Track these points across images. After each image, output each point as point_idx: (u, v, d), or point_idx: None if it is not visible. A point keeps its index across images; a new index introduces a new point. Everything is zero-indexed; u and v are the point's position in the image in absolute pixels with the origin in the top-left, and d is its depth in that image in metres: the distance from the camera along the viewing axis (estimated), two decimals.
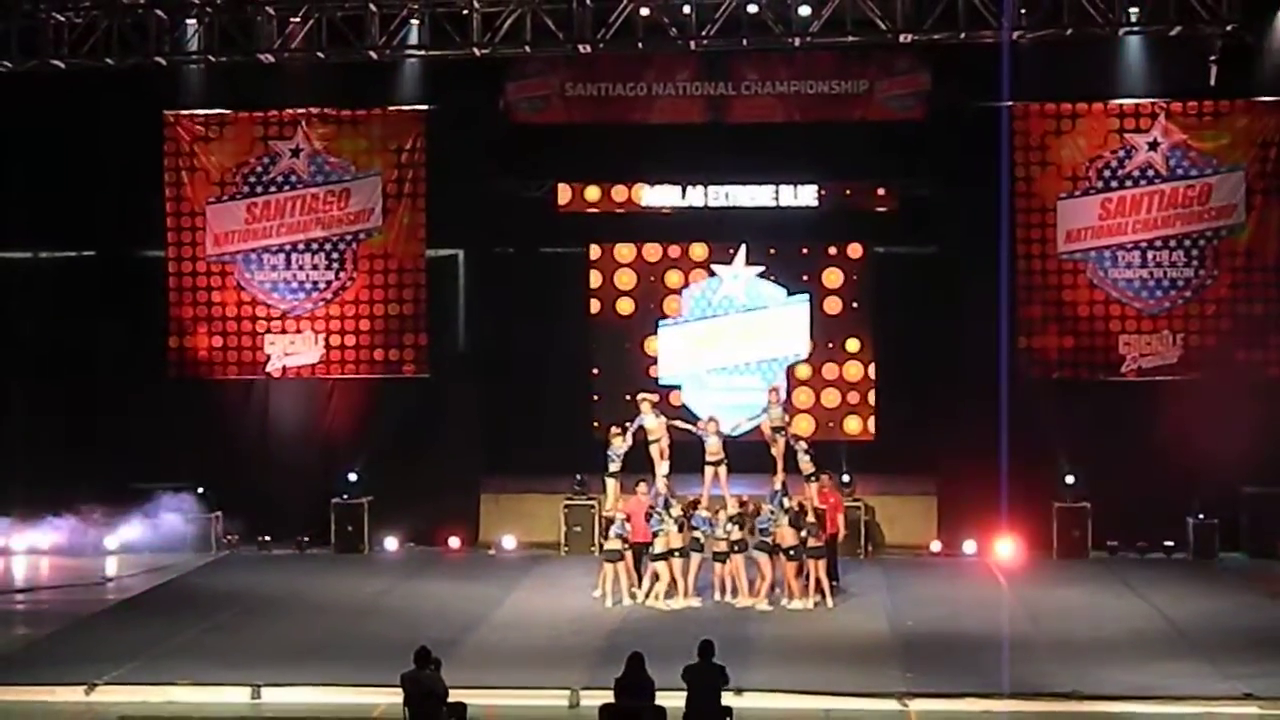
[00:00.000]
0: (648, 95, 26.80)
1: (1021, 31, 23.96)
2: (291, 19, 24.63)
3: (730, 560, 21.74)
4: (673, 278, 28.32)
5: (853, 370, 28.05)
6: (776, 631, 20.34)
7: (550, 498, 25.87)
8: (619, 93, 26.82)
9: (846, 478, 25.04)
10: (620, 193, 27.80)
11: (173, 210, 26.80)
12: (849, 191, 27.61)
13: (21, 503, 26.11)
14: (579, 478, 25.37)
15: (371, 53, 24.81)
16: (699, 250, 28.26)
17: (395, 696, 15.11)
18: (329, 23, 24.61)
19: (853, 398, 28.06)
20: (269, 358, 26.86)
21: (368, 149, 26.65)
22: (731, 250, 28.11)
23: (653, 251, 28.34)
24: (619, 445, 22.72)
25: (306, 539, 26.05)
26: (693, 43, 24.45)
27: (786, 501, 21.68)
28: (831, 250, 28.10)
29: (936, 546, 25.27)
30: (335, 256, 26.71)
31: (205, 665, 18.42)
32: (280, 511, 26.18)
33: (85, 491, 25.99)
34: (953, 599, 22.24)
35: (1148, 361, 25.71)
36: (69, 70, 24.93)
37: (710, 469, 22.75)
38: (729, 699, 15.19)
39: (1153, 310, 25.69)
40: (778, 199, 27.62)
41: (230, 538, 26.25)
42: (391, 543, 26.01)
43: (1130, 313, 25.74)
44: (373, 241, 26.67)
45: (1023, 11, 23.78)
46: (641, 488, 22.17)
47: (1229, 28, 23.71)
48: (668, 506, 21.80)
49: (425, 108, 26.41)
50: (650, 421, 22.64)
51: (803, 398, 27.88)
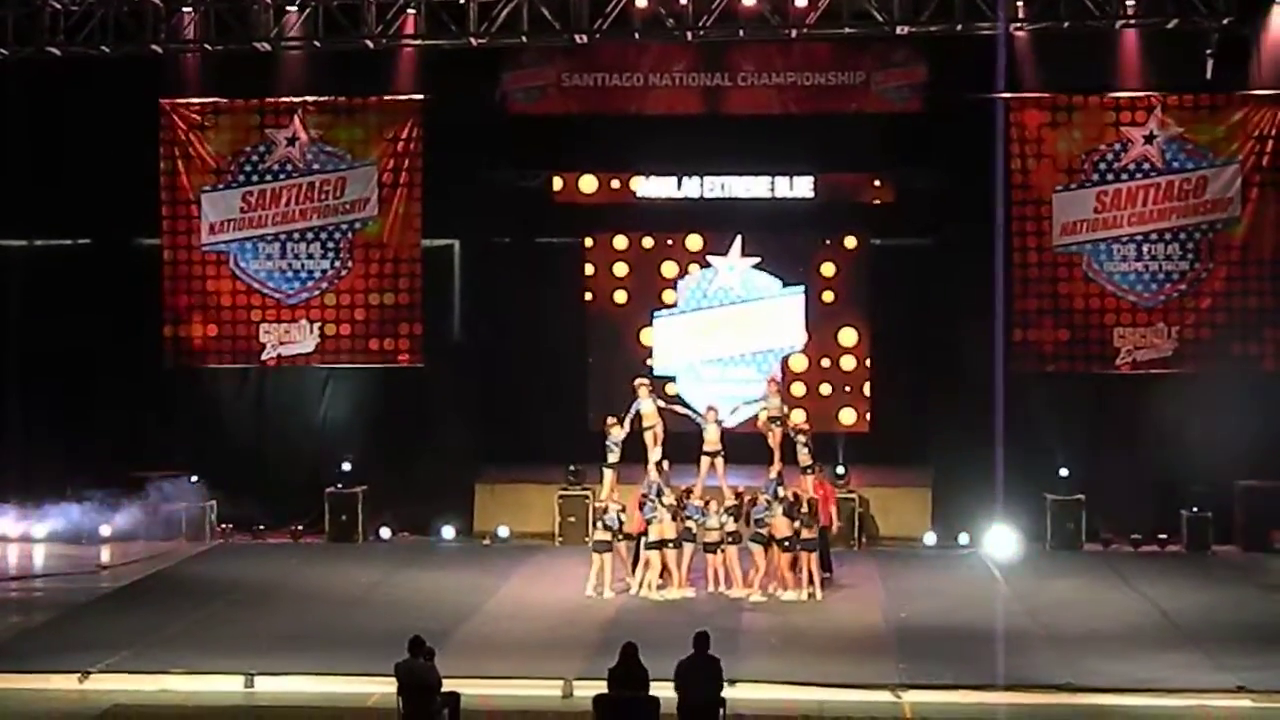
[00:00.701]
0: (644, 86, 26.80)
1: (1018, 24, 24.00)
2: (288, 7, 24.64)
3: (723, 551, 21.74)
4: (668, 268, 28.33)
5: (847, 362, 28.06)
6: (770, 623, 20.35)
7: (545, 488, 25.86)
8: (615, 83, 26.81)
9: (841, 469, 25.07)
10: (616, 183, 27.80)
11: (168, 198, 26.77)
12: (845, 183, 27.62)
13: (16, 491, 26.10)
14: (573, 468, 25.37)
15: (368, 41, 24.79)
16: (695, 241, 28.26)
17: (389, 686, 15.13)
18: (325, 11, 24.60)
19: (847, 389, 28.07)
20: (264, 346, 26.84)
21: (364, 138, 26.62)
22: (727, 241, 28.11)
23: (648, 242, 28.36)
24: (617, 434, 22.71)
25: (301, 528, 26.04)
26: (689, 33, 24.45)
27: (781, 491, 21.69)
28: (827, 242, 28.12)
29: (931, 538, 25.28)
30: (331, 245, 26.69)
31: (199, 654, 18.41)
32: (275, 500, 26.15)
33: (79, 480, 25.96)
34: (947, 591, 22.24)
35: (1142, 355, 25.71)
36: (65, 57, 24.92)
37: (707, 459, 22.78)
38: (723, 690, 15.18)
39: (1148, 303, 25.69)
40: (774, 190, 27.61)
41: (225, 526, 26.22)
42: (385, 532, 26.01)
43: (1125, 306, 25.74)
44: (368, 231, 26.64)
45: (1019, 4, 23.80)
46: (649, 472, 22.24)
47: (1225, 21, 23.72)
48: (660, 495, 21.81)
49: (421, 97, 26.37)
50: (646, 406, 22.62)
51: (797, 389, 27.89)
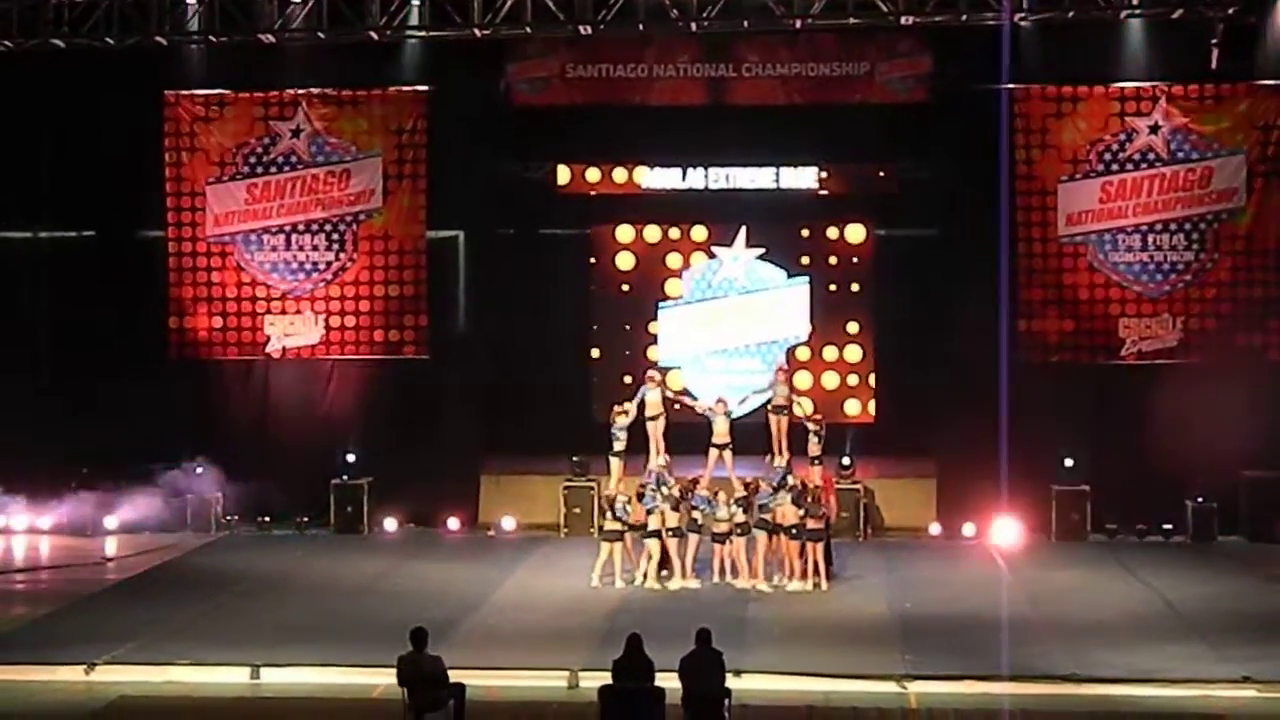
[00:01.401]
0: (648, 77, 26.77)
1: (1023, 14, 24.02)
2: None
3: (731, 542, 21.75)
4: (673, 260, 28.33)
5: (852, 352, 28.06)
6: (775, 613, 20.35)
7: (550, 479, 25.87)
8: (620, 74, 26.79)
9: (846, 460, 25.06)
10: (621, 174, 27.78)
11: (173, 190, 26.77)
12: (849, 174, 27.59)
13: (22, 482, 26.11)
14: (578, 459, 25.38)
15: (372, 33, 24.82)
16: (699, 232, 28.26)
17: (395, 677, 15.12)
18: (329, 2, 24.63)
19: (852, 380, 28.08)
20: (269, 338, 26.85)
21: (368, 130, 26.61)
22: (732, 232, 28.11)
23: (653, 233, 28.35)
24: (622, 422, 22.83)
25: (306, 520, 26.07)
26: (694, 24, 24.46)
27: (790, 479, 21.71)
28: (832, 232, 28.10)
29: (935, 529, 25.28)
30: (335, 237, 26.68)
31: (205, 645, 18.44)
32: (280, 492, 26.15)
33: (85, 471, 26.03)
34: (952, 581, 22.26)
35: (1147, 345, 25.70)
36: (69, 49, 24.94)
37: (715, 451, 22.84)
38: (727, 681, 15.18)
39: (1153, 294, 25.67)
40: (778, 181, 27.61)
41: (230, 518, 26.25)
42: (391, 524, 26.03)
43: (1130, 296, 25.72)
44: (373, 222, 26.64)
45: None
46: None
47: (1230, 10, 23.75)
48: (660, 484, 21.83)
49: (426, 88, 26.36)
50: (652, 395, 22.74)
51: (802, 380, 27.88)
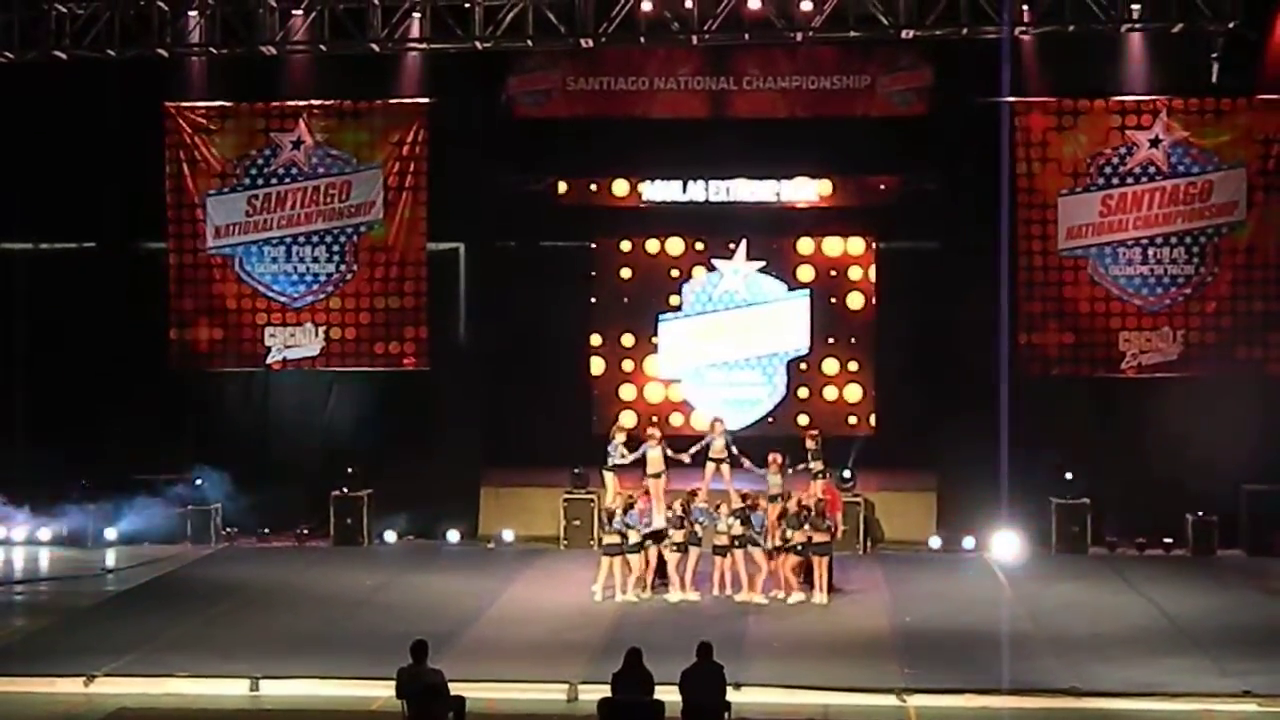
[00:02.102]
0: (649, 90, 26.80)
1: (1023, 27, 23.99)
2: (293, 11, 24.62)
3: (731, 555, 21.74)
4: (673, 272, 28.34)
5: (853, 365, 28.06)
6: (775, 627, 20.34)
7: (550, 491, 25.86)
8: (621, 87, 26.81)
9: (848, 473, 25.04)
10: (621, 187, 27.79)
11: (174, 202, 26.79)
12: (850, 187, 27.59)
13: (22, 493, 26.10)
14: (578, 471, 25.37)
15: (373, 45, 24.79)
16: (700, 245, 28.27)
17: (394, 690, 15.10)
18: (330, 15, 24.60)
19: (853, 393, 28.07)
20: (269, 350, 26.85)
21: (369, 141, 26.63)
22: (732, 245, 28.12)
23: (653, 246, 28.37)
24: (620, 439, 22.88)
25: (306, 531, 26.06)
26: (695, 37, 24.44)
27: (789, 505, 21.72)
28: (832, 245, 28.10)
29: (936, 542, 25.26)
30: (336, 249, 26.70)
31: (204, 657, 18.44)
32: (280, 504, 26.15)
33: (85, 483, 26.00)
34: (952, 595, 22.24)
35: (1148, 358, 25.69)
36: (71, 61, 24.94)
37: (712, 464, 22.89)
38: (727, 694, 15.17)
39: (1153, 307, 25.67)
40: (779, 194, 27.61)
41: (230, 530, 26.24)
42: (391, 535, 26.02)
43: (1130, 309, 25.72)
44: (373, 234, 26.65)
45: (1025, 7, 23.78)
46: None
47: (1231, 25, 23.70)
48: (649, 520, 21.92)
49: (427, 101, 26.39)
50: (654, 453, 22.75)
51: (803, 393, 27.92)
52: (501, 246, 27.95)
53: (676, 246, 28.32)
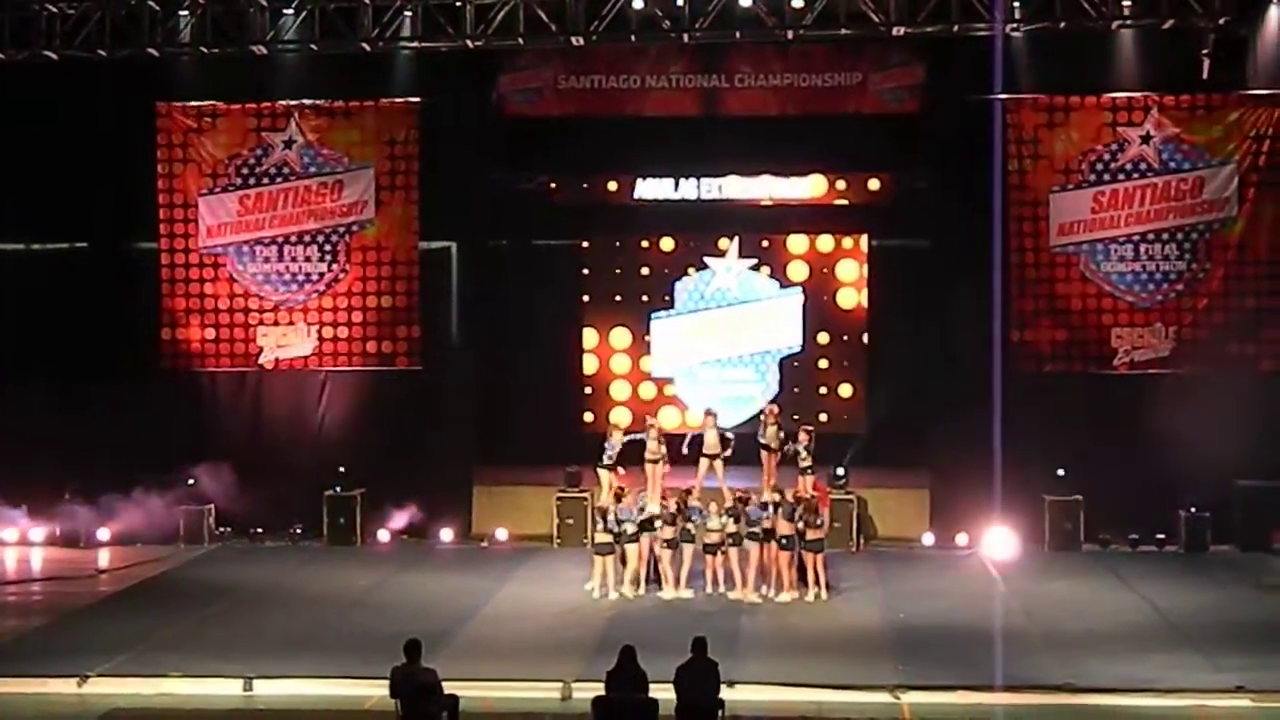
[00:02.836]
0: (641, 88, 26.79)
1: (1014, 25, 24.02)
2: (284, 10, 24.67)
3: (724, 553, 21.74)
4: (666, 270, 28.34)
5: (845, 363, 28.07)
6: (768, 624, 20.35)
7: (543, 490, 25.85)
8: (612, 85, 26.80)
9: (841, 471, 25.04)
10: (613, 185, 27.80)
11: (165, 202, 26.77)
12: (842, 184, 27.60)
13: (13, 494, 26.08)
14: (571, 470, 25.37)
15: (364, 44, 24.81)
16: (692, 243, 28.27)
17: (388, 689, 15.09)
18: (322, 14, 24.63)
19: (845, 390, 28.08)
20: (261, 350, 26.84)
21: (360, 141, 26.62)
22: (725, 243, 28.12)
23: (645, 244, 28.36)
24: (616, 439, 22.95)
25: (299, 531, 26.04)
26: (686, 35, 24.47)
27: (781, 496, 21.70)
28: (824, 243, 28.12)
29: (929, 539, 25.28)
30: (328, 248, 26.69)
31: (197, 657, 18.43)
32: (272, 504, 26.13)
33: (77, 483, 25.98)
34: (945, 592, 22.24)
35: (1140, 355, 25.72)
36: (62, 61, 24.93)
37: (706, 461, 22.91)
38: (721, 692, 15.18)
39: (1145, 304, 25.70)
40: (771, 192, 27.63)
41: (223, 530, 26.22)
42: (383, 535, 26.01)
43: (1122, 306, 25.75)
44: (365, 233, 26.64)
45: (1015, 5, 23.83)
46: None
47: (1221, 21, 23.77)
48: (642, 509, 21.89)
49: (418, 100, 26.37)
50: (652, 444, 22.86)
51: (795, 390, 27.93)
52: (493, 245, 27.95)
53: (669, 244, 28.33)
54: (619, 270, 28.44)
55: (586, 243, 28.49)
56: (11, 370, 27.01)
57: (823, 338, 28.11)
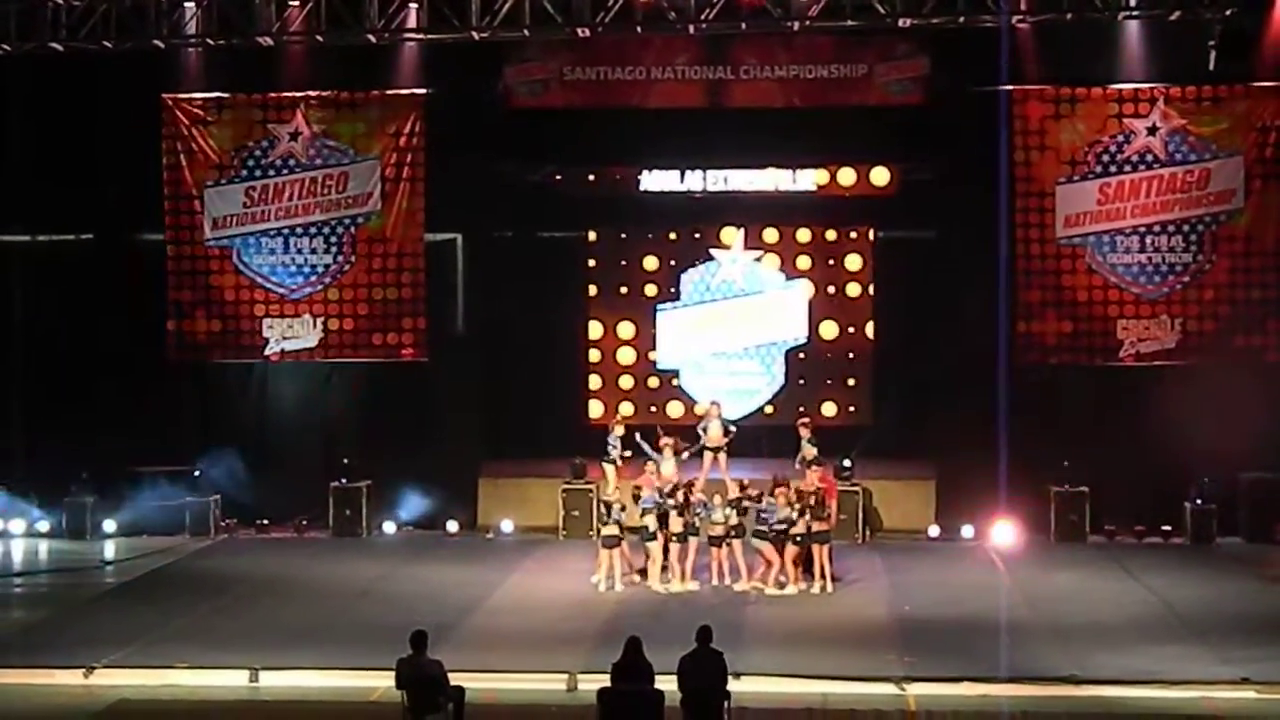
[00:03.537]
0: (646, 79, 26.73)
1: (1020, 16, 23.96)
2: (290, 2, 24.62)
3: (729, 545, 21.73)
4: (671, 262, 28.33)
5: (850, 354, 28.05)
6: (774, 616, 20.36)
7: (548, 482, 25.86)
8: (618, 77, 26.76)
9: (848, 462, 25.03)
10: (619, 177, 27.78)
11: (171, 193, 26.75)
12: (848, 176, 27.56)
13: (20, 486, 26.13)
14: (577, 462, 25.37)
15: (370, 36, 24.79)
16: (698, 234, 28.25)
17: (394, 680, 15.11)
18: (327, 5, 24.58)
19: (851, 382, 28.07)
20: (267, 341, 26.82)
21: (366, 132, 26.60)
22: (730, 234, 28.10)
23: (651, 235, 28.34)
24: (620, 432, 22.93)
25: (305, 522, 26.07)
26: (691, 27, 24.42)
27: (789, 492, 21.72)
28: (830, 234, 28.10)
29: (934, 531, 25.29)
30: (334, 240, 26.67)
31: (204, 648, 18.45)
32: (278, 495, 26.18)
33: (84, 475, 26.00)
34: (950, 583, 22.25)
35: (1146, 347, 25.69)
36: (67, 53, 24.91)
37: (710, 454, 22.92)
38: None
39: (1151, 295, 25.66)
40: (776, 183, 27.62)
41: (229, 521, 26.25)
42: (390, 526, 26.03)
43: (1128, 298, 25.71)
44: (371, 225, 26.62)
45: None
46: (650, 466, 22.18)
47: (1228, 12, 23.71)
48: (665, 495, 21.79)
49: (424, 91, 26.33)
50: (668, 469, 22.48)
51: (800, 382, 27.92)
52: (499, 237, 27.95)
53: (674, 236, 28.31)
54: (624, 262, 28.43)
55: (592, 234, 28.48)
56: (18, 362, 27.06)
57: (828, 329, 28.09)
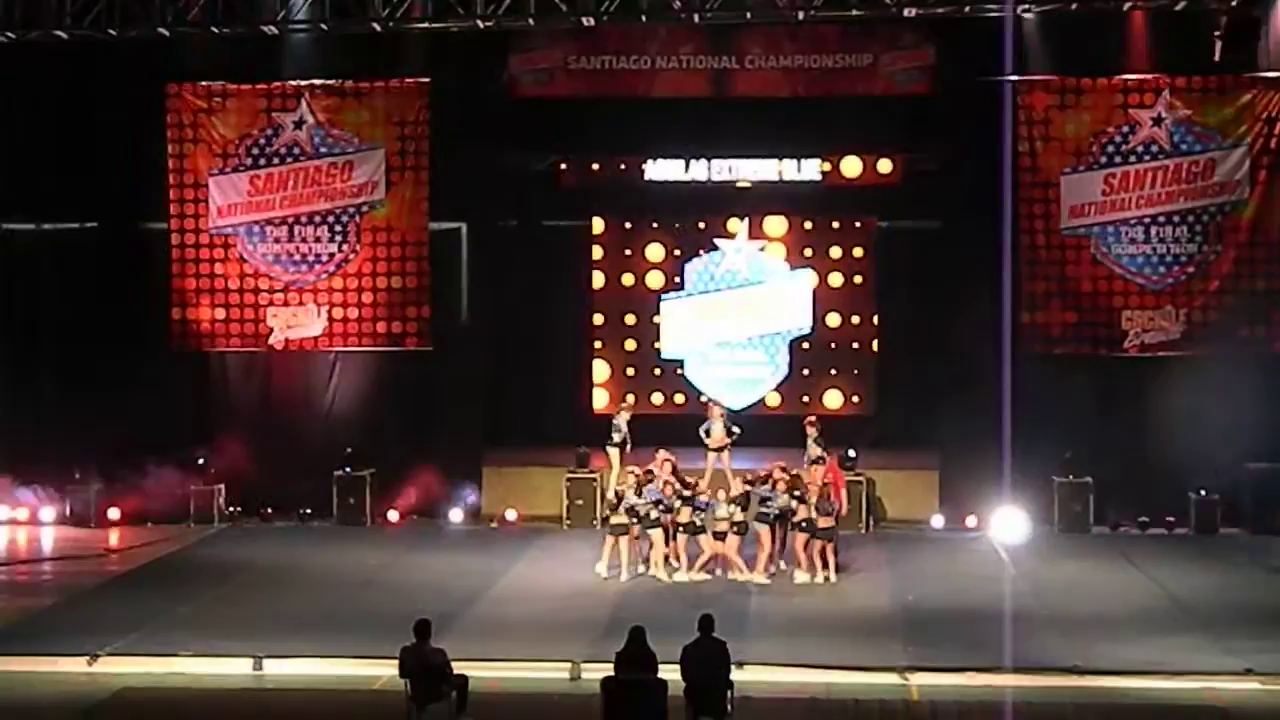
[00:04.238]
0: (651, 69, 26.71)
1: (1026, 6, 23.94)
2: None
3: (727, 540, 21.64)
4: (676, 251, 28.33)
5: (855, 344, 28.06)
6: (778, 605, 20.36)
7: (552, 471, 25.87)
8: (622, 66, 26.73)
9: (852, 452, 25.03)
10: (623, 166, 27.77)
11: (175, 182, 26.74)
12: (852, 166, 27.56)
13: (24, 473, 26.15)
14: (581, 451, 25.38)
15: (375, 24, 24.75)
16: (702, 224, 28.25)
17: (397, 669, 15.13)
18: None
19: (855, 372, 28.09)
20: (271, 330, 26.82)
21: (371, 121, 26.57)
22: (735, 224, 28.09)
23: (655, 225, 28.34)
24: (624, 418, 22.93)
25: (308, 511, 26.07)
26: (696, 16, 24.38)
27: (794, 479, 21.74)
28: (835, 224, 28.12)
29: (938, 521, 25.28)
30: (338, 229, 26.65)
31: (207, 637, 18.47)
32: (282, 484, 26.20)
33: (87, 463, 26.02)
34: (954, 573, 22.26)
35: (1150, 337, 25.67)
36: (71, 41, 24.89)
37: (713, 454, 23.02)
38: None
39: (1156, 286, 25.64)
40: (781, 173, 27.63)
41: (232, 509, 26.27)
42: (393, 515, 26.04)
43: (1133, 288, 25.68)
44: (376, 214, 26.61)
45: None
46: (662, 453, 22.18)
47: (1234, 2, 23.62)
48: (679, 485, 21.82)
49: (428, 80, 26.30)
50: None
51: (805, 372, 27.92)
52: (503, 226, 27.95)
53: (678, 226, 28.29)
54: (629, 251, 28.44)
55: (597, 224, 28.48)
56: (22, 350, 27.06)
57: (833, 319, 28.11)
